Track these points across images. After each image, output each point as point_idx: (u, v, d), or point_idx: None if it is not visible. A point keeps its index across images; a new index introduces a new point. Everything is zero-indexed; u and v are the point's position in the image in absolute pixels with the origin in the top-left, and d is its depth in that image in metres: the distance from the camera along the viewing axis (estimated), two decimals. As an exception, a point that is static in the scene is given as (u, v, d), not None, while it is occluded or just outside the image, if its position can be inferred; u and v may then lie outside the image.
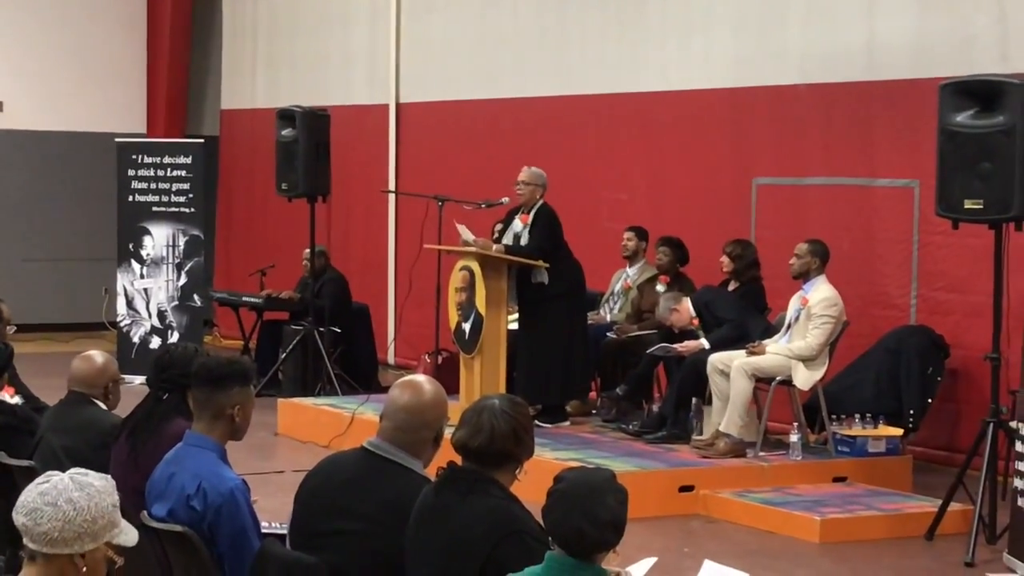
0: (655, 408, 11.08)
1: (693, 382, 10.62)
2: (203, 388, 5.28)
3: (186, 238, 15.12)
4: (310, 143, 13.51)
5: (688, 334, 10.97)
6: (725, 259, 11.12)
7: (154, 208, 15.16)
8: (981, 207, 8.69)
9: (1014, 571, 8.26)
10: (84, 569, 3.42)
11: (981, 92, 8.78)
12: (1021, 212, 8.52)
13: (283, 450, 11.70)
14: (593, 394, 11.96)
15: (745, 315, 10.82)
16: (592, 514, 4.08)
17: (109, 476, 3.55)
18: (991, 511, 8.79)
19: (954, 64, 10.47)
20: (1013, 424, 8.60)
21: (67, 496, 3.43)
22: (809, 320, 10.27)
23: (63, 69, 18.46)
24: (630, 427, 10.92)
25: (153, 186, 15.18)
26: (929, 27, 11.09)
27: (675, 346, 10.90)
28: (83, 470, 3.54)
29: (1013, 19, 10.56)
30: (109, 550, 3.48)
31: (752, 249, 11.22)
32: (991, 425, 8.79)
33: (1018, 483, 8.31)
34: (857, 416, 10.45)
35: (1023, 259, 8.56)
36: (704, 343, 10.76)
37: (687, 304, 10.96)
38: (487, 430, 4.59)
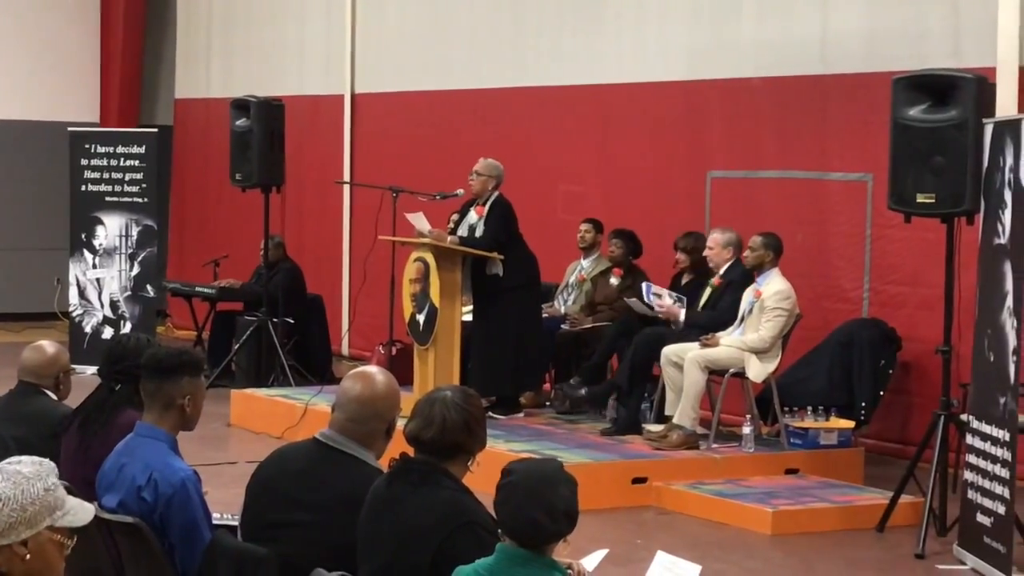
0: (612, 403, 11.08)
1: (646, 355, 10.61)
2: (152, 379, 5.25)
3: (139, 228, 15.03)
4: (264, 133, 13.46)
5: (653, 321, 10.95)
6: (681, 255, 11.14)
7: (107, 198, 15.06)
8: (933, 201, 8.72)
9: (964, 563, 8.30)
10: (28, 557, 3.37)
11: (934, 86, 8.81)
12: (973, 206, 8.56)
13: (236, 441, 11.66)
14: (547, 386, 11.97)
15: (729, 317, 10.76)
16: (548, 504, 4.09)
17: (45, 460, 3.48)
18: (941, 503, 8.84)
19: (907, 58, 10.54)
20: (964, 417, 8.66)
21: None
22: (762, 313, 10.30)
23: (16, 57, 18.33)
24: (604, 414, 10.97)
25: (106, 175, 15.07)
26: (882, 21, 11.14)
27: (654, 303, 10.83)
28: (16, 458, 3.48)
29: (965, 14, 10.61)
30: (55, 534, 3.42)
31: (703, 239, 11.24)
32: (942, 418, 8.83)
33: (968, 476, 8.36)
34: (809, 408, 10.48)
35: (974, 253, 8.59)
36: (681, 315, 10.71)
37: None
38: (439, 422, 4.58)
